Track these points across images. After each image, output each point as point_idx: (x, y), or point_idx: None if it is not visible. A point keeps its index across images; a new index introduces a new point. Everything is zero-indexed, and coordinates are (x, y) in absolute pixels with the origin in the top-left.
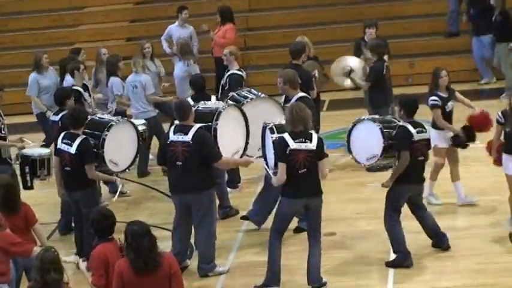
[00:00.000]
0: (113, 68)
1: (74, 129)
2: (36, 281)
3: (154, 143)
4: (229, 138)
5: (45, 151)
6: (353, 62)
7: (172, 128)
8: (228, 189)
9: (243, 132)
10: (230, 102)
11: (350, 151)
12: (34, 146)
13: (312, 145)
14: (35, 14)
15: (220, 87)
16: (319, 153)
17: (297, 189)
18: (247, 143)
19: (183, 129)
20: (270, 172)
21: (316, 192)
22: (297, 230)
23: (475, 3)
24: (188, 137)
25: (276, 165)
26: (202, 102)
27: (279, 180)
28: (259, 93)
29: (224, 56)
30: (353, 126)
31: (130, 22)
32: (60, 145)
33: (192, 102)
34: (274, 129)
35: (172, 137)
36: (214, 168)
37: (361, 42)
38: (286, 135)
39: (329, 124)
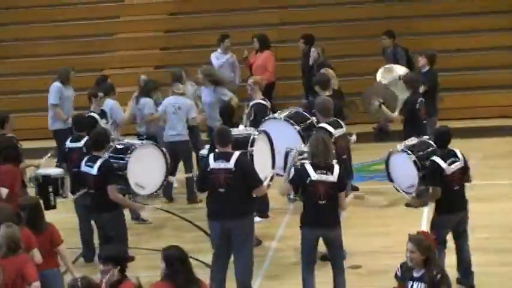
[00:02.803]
0: (149, 90)
1: (95, 151)
2: None
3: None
4: (261, 165)
5: (58, 171)
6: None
7: (212, 155)
8: (258, 218)
9: (270, 158)
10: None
11: (391, 180)
12: (46, 165)
13: (333, 177)
14: (65, 40)
15: (245, 117)
16: (340, 185)
17: (316, 220)
18: (273, 168)
19: (225, 156)
20: (291, 196)
21: (334, 224)
22: (325, 259)
23: None
24: (230, 164)
25: (296, 191)
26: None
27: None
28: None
29: (248, 86)
30: (389, 156)
31: (160, 50)
32: (83, 168)
33: None
34: (297, 156)
35: (213, 164)
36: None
37: None
38: (308, 165)
39: (357, 156)
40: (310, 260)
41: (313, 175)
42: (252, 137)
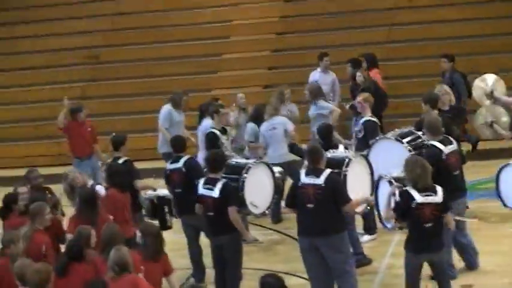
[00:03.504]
0: (258, 116)
1: (212, 173)
2: None
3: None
4: (355, 187)
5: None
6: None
7: (304, 170)
8: (366, 236)
9: (368, 182)
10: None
11: (499, 197)
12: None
13: (438, 198)
14: (175, 60)
15: (354, 134)
16: (445, 207)
17: (421, 244)
18: (371, 194)
19: (315, 172)
20: (387, 225)
21: (439, 247)
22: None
23: None
24: (320, 180)
25: (401, 217)
26: (331, 150)
27: (386, 218)
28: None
29: (358, 104)
30: (499, 172)
31: (268, 69)
32: (201, 191)
33: None
34: (393, 182)
35: (304, 179)
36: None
37: None
38: (410, 189)
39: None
40: (414, 282)
41: (418, 197)
42: (348, 159)
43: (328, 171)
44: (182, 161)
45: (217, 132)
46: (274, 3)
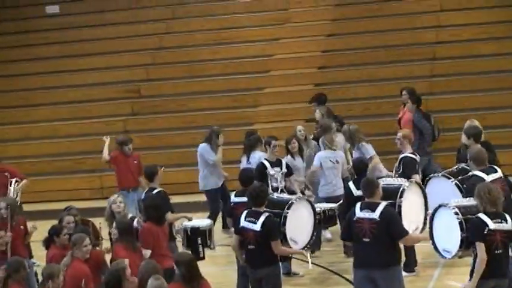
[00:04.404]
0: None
1: (255, 206)
2: None
3: None
4: (411, 216)
5: (207, 222)
6: None
7: (359, 204)
8: (404, 273)
9: (422, 208)
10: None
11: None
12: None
13: (508, 225)
14: (214, 94)
15: (394, 170)
16: None
17: (490, 270)
18: (425, 219)
19: (370, 206)
20: (445, 255)
21: (505, 273)
22: None
23: None
24: (376, 214)
25: (468, 244)
26: (383, 179)
27: (482, 260)
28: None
29: (397, 140)
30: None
31: (309, 103)
32: (243, 223)
33: None
34: (459, 212)
35: (359, 213)
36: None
37: None
38: (482, 215)
39: None
40: None
41: (490, 224)
42: (402, 188)
43: (383, 204)
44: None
45: (267, 163)
46: (316, 37)
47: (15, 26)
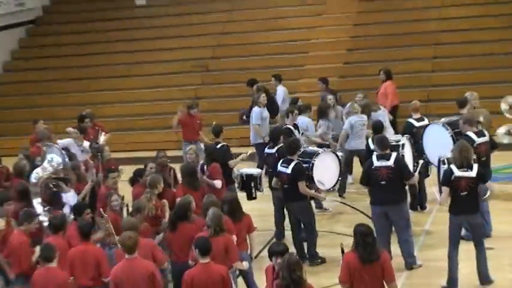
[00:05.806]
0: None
1: (289, 155)
2: (283, 278)
3: None
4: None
5: (258, 170)
6: None
7: (375, 156)
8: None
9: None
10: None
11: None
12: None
13: (473, 173)
14: (266, 70)
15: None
16: (479, 179)
17: (459, 208)
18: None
19: (385, 157)
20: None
21: (475, 210)
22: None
23: None
24: (390, 162)
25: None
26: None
27: (443, 200)
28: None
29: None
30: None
31: (340, 77)
32: (280, 168)
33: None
34: (446, 162)
35: (376, 163)
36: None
37: None
38: (453, 166)
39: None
40: (455, 239)
41: (456, 172)
42: (401, 142)
43: (394, 154)
44: (275, 148)
45: (292, 128)
46: (345, 26)
47: (113, 15)
